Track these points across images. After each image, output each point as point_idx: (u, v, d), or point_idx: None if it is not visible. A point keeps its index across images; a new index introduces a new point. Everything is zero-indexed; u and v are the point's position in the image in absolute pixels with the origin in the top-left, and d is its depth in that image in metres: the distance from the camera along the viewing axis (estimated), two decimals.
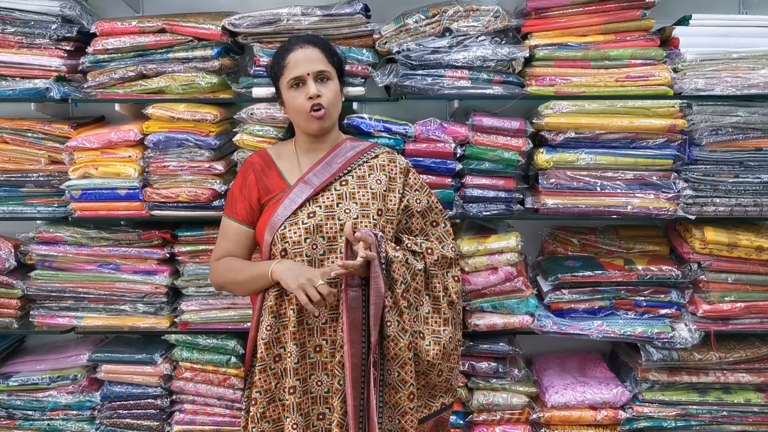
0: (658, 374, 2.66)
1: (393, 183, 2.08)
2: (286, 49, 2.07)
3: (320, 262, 1.96)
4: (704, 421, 2.67)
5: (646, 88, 2.48)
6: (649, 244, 2.76)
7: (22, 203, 2.66)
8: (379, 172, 2.08)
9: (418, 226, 2.12)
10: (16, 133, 2.61)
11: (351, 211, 1.99)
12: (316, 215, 1.97)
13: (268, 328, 1.95)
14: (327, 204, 2.00)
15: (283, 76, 2.05)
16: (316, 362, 1.97)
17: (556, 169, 2.52)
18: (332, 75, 2.06)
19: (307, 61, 2.02)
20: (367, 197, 2.02)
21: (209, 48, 2.51)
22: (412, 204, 2.10)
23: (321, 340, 1.96)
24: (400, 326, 1.93)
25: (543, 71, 2.51)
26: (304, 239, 1.95)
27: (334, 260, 1.94)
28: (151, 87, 2.54)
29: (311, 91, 1.99)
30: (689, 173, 2.53)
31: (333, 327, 1.96)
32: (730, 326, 2.59)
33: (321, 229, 1.96)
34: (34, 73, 2.55)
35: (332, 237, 1.96)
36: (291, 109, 2.06)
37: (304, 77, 2.01)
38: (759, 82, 2.46)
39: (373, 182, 2.06)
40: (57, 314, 2.68)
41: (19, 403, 2.72)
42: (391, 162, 2.12)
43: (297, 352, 1.93)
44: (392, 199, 2.06)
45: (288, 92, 2.04)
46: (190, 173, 2.53)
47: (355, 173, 2.07)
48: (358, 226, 1.95)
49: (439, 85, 2.48)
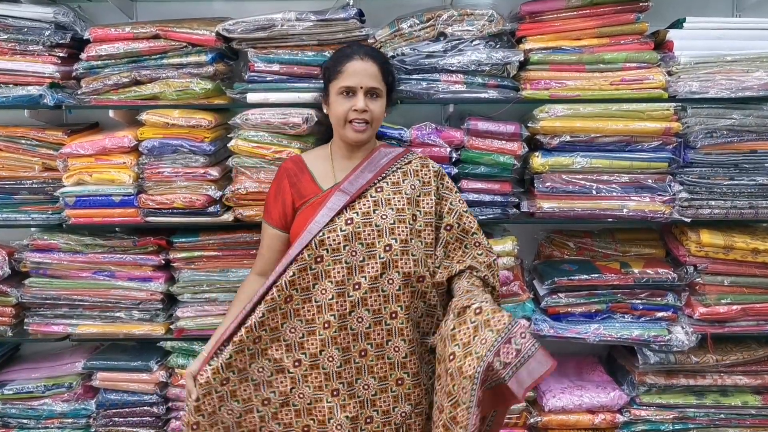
0: (655, 377, 2.66)
1: (427, 187, 2.11)
2: (346, 55, 2.07)
3: (360, 269, 1.98)
4: (702, 424, 2.67)
5: (641, 91, 2.48)
6: (645, 247, 2.76)
7: (16, 210, 2.65)
8: (412, 177, 2.11)
9: (458, 245, 2.11)
10: (10, 140, 2.60)
11: (387, 217, 2.01)
12: (354, 222, 2.00)
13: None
14: (364, 211, 2.02)
15: (335, 81, 2.06)
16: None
17: (552, 173, 2.52)
18: (383, 93, 2.09)
19: (364, 74, 2.03)
20: (402, 203, 2.05)
21: (203, 54, 2.51)
22: (455, 206, 2.11)
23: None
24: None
25: (538, 75, 2.51)
26: (342, 246, 1.98)
27: (374, 266, 1.97)
28: (145, 93, 2.53)
29: (359, 105, 2.02)
30: (684, 176, 2.53)
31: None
32: (726, 329, 2.59)
33: (359, 236, 1.99)
34: (28, 80, 2.54)
35: (371, 243, 1.99)
36: (334, 114, 2.09)
37: (356, 89, 2.03)
38: (753, 85, 2.46)
39: (407, 187, 2.08)
40: (52, 322, 2.67)
41: (14, 412, 2.71)
42: (424, 167, 2.14)
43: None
44: (428, 203, 2.08)
45: (336, 97, 2.06)
46: (184, 179, 2.52)
47: (390, 179, 2.09)
48: (395, 231, 2.00)
49: (434, 89, 2.48)
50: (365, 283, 1.96)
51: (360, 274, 1.97)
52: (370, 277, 1.97)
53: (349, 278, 1.97)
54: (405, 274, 1.98)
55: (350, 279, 1.97)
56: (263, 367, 2.02)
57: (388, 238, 1.99)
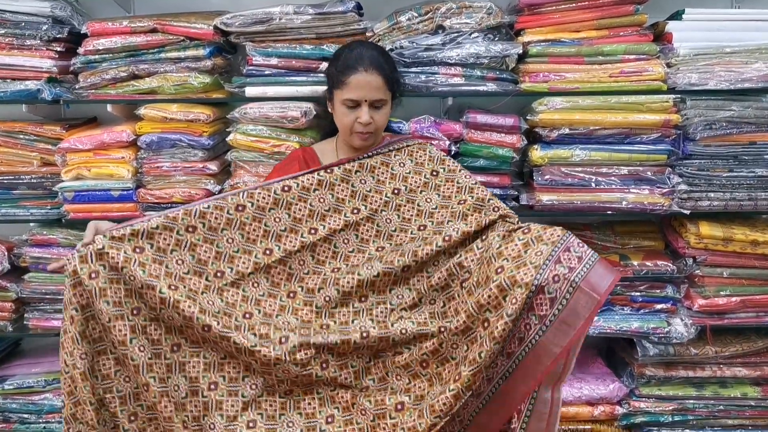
0: (654, 369, 2.66)
1: (420, 167, 2.13)
2: (350, 66, 2.06)
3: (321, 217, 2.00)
4: (701, 415, 2.67)
5: (640, 83, 2.48)
6: (644, 239, 2.76)
7: (15, 205, 2.65)
8: (405, 155, 2.15)
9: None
10: (8, 135, 2.60)
11: (366, 183, 2.07)
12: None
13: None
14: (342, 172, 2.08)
15: (339, 90, 2.08)
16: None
17: (551, 166, 2.51)
18: (387, 100, 2.11)
19: (368, 88, 2.05)
20: (385, 175, 2.10)
21: (201, 48, 2.50)
22: (463, 182, 2.10)
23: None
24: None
25: (536, 67, 2.51)
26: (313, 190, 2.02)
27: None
28: (143, 87, 2.53)
29: (364, 119, 2.06)
30: (684, 168, 2.53)
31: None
32: (726, 320, 2.60)
33: (333, 188, 2.04)
34: (26, 75, 2.54)
35: (341, 199, 2.04)
36: (339, 122, 2.14)
37: (360, 102, 2.06)
38: (752, 76, 2.46)
39: (396, 164, 2.13)
40: (52, 317, 2.67)
41: (14, 407, 2.71)
42: (420, 149, 2.18)
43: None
44: (416, 181, 2.10)
45: (340, 106, 2.09)
46: (183, 174, 2.52)
47: (380, 156, 2.14)
48: (368, 198, 2.05)
49: (433, 82, 2.48)
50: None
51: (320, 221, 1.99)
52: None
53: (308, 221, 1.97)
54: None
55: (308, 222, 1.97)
56: (183, 260, 1.80)
57: (359, 202, 2.03)
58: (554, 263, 1.73)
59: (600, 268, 1.75)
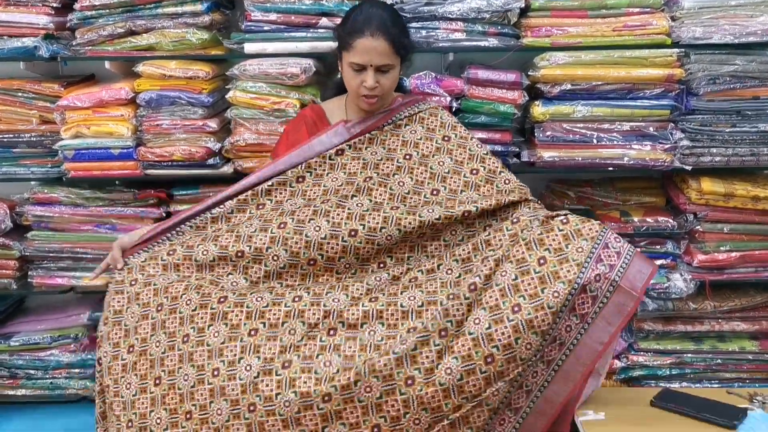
0: (653, 324, 2.68)
1: (431, 133, 2.14)
2: (357, 29, 2.02)
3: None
4: (698, 369, 2.70)
5: (644, 37, 2.45)
6: (645, 195, 2.75)
7: (16, 164, 2.65)
8: (416, 124, 2.16)
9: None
10: (7, 93, 2.58)
11: (377, 154, 2.11)
12: (344, 154, 2.10)
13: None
14: (357, 147, 2.12)
15: (346, 53, 2.05)
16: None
17: (552, 122, 2.50)
18: (395, 64, 2.08)
19: (374, 53, 2.01)
20: (396, 143, 2.13)
21: (199, 2, 2.46)
22: (475, 150, 2.13)
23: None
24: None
25: (539, 22, 2.47)
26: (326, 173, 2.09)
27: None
28: (141, 44, 2.50)
29: (369, 83, 2.03)
30: (686, 123, 2.51)
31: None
32: (725, 276, 2.61)
33: (345, 167, 2.09)
34: (22, 32, 2.51)
35: (353, 172, 2.09)
36: (346, 83, 2.12)
37: (366, 66, 2.03)
38: (757, 30, 2.42)
39: (407, 132, 2.14)
40: (55, 274, 2.69)
41: (21, 363, 2.75)
42: (432, 116, 2.19)
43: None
44: (428, 147, 2.12)
45: (347, 68, 2.07)
46: (183, 131, 2.51)
47: (390, 128, 2.16)
48: (379, 165, 2.10)
49: (434, 38, 2.45)
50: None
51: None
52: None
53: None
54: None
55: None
56: (207, 251, 1.97)
57: (370, 171, 2.07)
58: (595, 262, 1.79)
59: (638, 263, 1.83)
